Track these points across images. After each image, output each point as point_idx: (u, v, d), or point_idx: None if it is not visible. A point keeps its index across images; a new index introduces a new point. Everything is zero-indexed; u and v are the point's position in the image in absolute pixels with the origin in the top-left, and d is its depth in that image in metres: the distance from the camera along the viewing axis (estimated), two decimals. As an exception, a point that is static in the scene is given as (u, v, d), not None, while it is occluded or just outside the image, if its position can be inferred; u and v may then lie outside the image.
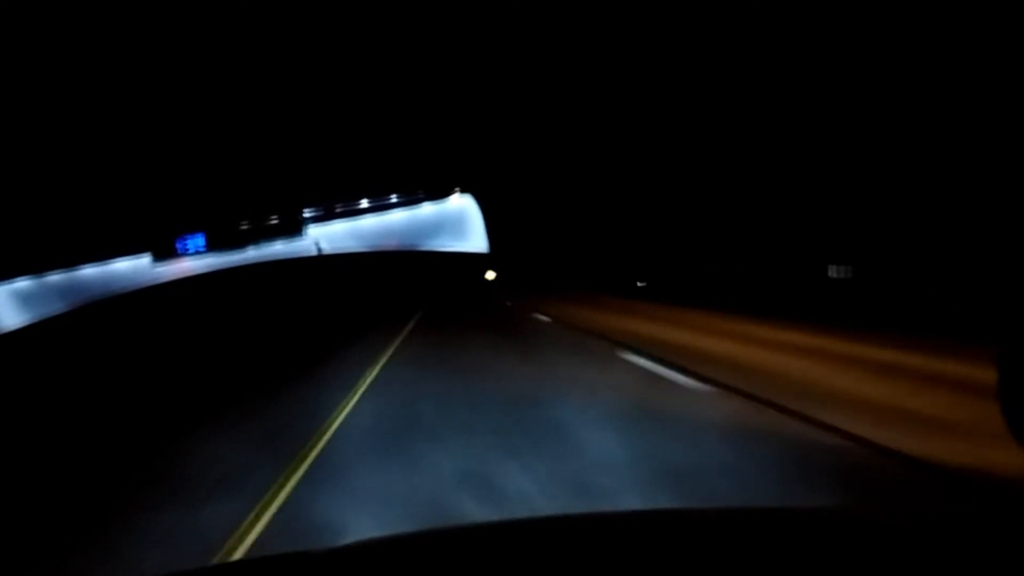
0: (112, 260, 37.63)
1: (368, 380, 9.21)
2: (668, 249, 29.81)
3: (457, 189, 42.76)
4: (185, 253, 38.03)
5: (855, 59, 18.32)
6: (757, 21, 20.85)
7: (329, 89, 45.08)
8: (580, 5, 30.84)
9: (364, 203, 42.18)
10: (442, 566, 1.42)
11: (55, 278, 36.22)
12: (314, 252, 39.96)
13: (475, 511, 3.85)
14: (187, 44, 38.49)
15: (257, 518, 4.08)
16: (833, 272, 18.55)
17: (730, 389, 7.05)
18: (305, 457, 5.38)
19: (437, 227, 42.33)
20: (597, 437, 5.33)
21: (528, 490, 4.19)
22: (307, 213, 40.68)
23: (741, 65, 21.51)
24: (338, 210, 41.50)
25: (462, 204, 42.98)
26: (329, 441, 5.94)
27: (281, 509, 4.25)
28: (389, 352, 12.44)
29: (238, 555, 3.74)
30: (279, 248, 39.64)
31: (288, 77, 44.20)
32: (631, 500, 3.91)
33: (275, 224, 39.80)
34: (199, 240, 37.89)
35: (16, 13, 30.05)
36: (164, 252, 37.79)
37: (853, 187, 18.57)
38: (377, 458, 5.27)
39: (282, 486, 4.64)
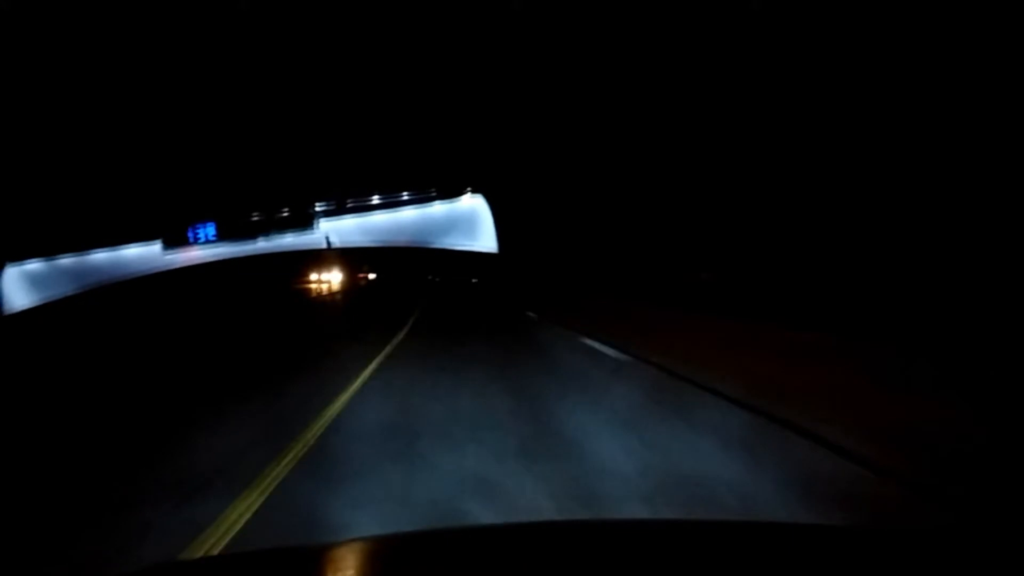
0: (123, 246, 37.96)
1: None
2: (674, 251, 29.59)
3: (469, 189, 42.82)
4: (196, 242, 38.26)
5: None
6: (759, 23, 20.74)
7: (345, 86, 45.41)
8: (593, 6, 30.83)
9: (375, 199, 42.30)
10: (440, 566, 1.36)
11: (66, 261, 36.55)
12: (324, 246, 40.13)
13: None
14: (208, 36, 38.85)
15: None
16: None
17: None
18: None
19: (447, 226, 42.38)
20: None
21: None
22: (318, 207, 40.84)
23: (744, 64, 21.39)
24: (349, 205, 41.65)
25: (473, 204, 43.01)
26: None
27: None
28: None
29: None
30: (289, 240, 39.81)
31: (305, 73, 44.56)
32: None
33: (286, 216, 39.97)
34: (210, 229, 38.13)
35: (32, 1, 30.43)
36: (175, 240, 38.08)
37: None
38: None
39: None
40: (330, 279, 66.30)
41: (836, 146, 19.05)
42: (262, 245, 39.18)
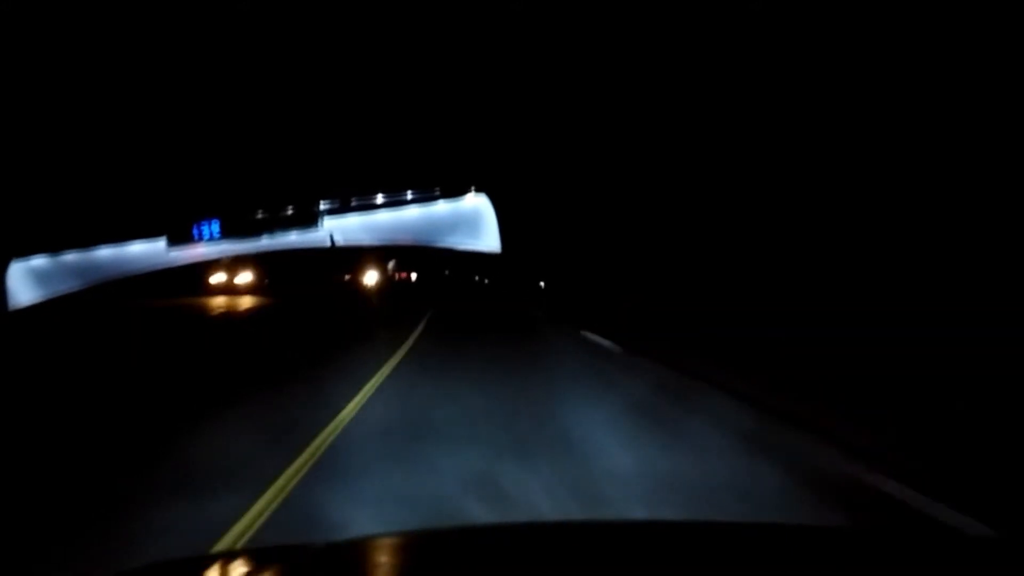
0: (128, 242, 37.92)
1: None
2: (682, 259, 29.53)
3: (472, 188, 42.73)
4: (200, 239, 38.23)
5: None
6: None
7: (349, 85, 45.47)
8: (602, 7, 30.83)
9: (380, 198, 42.22)
10: (441, 566, 1.36)
11: (71, 257, 36.55)
12: (328, 244, 40.12)
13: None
14: (213, 35, 38.91)
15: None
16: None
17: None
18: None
19: (451, 225, 42.32)
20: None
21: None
22: (323, 205, 40.76)
23: (747, 61, 21.40)
24: (353, 204, 41.58)
25: (477, 203, 42.92)
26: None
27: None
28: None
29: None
30: (294, 238, 39.76)
31: (310, 72, 44.61)
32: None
33: (291, 215, 39.92)
34: (214, 226, 38.10)
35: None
36: (179, 237, 38.01)
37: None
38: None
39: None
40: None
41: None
42: (266, 243, 39.18)
